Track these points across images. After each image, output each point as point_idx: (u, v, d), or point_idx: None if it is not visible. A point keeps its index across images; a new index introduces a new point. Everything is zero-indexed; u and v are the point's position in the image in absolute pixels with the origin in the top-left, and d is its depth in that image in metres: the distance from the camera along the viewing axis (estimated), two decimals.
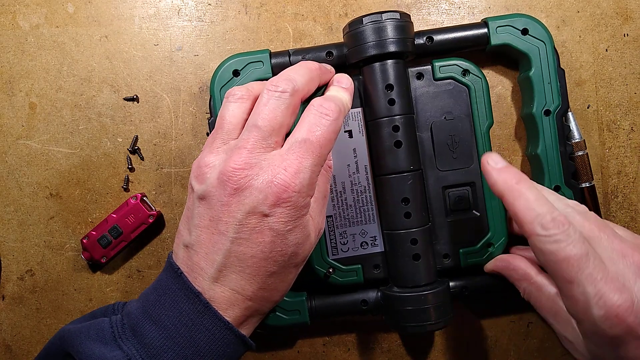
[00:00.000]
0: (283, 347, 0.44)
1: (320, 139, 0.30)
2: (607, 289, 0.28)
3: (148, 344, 0.30)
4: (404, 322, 0.37)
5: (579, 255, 0.28)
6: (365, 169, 0.39)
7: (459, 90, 0.39)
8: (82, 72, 0.43)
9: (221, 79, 0.39)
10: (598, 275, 0.28)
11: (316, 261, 0.40)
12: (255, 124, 0.31)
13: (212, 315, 0.30)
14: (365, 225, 0.40)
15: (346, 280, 0.40)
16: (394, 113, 0.37)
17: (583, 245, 0.28)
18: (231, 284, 0.31)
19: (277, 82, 0.31)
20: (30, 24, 0.43)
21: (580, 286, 0.28)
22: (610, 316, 0.27)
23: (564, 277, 0.29)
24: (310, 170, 0.30)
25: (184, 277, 0.31)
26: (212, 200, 0.30)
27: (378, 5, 0.43)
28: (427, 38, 0.39)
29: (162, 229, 0.44)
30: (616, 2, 0.42)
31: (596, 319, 0.28)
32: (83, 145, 0.43)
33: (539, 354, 0.44)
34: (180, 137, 0.43)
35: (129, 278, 0.44)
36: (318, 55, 0.39)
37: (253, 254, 0.30)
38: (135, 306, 0.32)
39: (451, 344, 0.44)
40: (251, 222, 0.30)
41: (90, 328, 0.31)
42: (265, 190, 0.29)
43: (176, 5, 0.43)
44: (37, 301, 0.44)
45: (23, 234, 0.44)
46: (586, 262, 0.28)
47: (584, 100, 0.43)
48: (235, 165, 0.30)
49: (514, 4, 0.43)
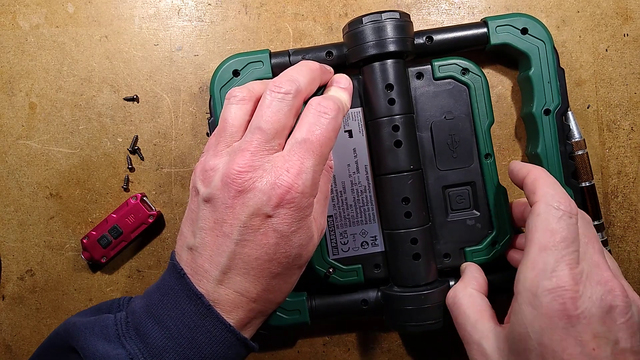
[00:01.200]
0: (283, 347, 0.44)
1: (320, 138, 0.31)
2: (567, 273, 0.29)
3: (150, 343, 0.30)
4: (404, 322, 0.37)
5: (566, 235, 0.30)
6: (366, 169, 0.40)
7: (459, 90, 0.39)
8: (82, 72, 0.43)
9: (221, 79, 0.39)
10: (567, 259, 0.29)
11: (316, 261, 0.40)
12: (258, 126, 0.31)
13: (213, 317, 0.30)
14: (366, 225, 0.40)
15: (346, 280, 0.40)
16: (393, 113, 0.37)
17: (576, 235, 0.30)
18: (235, 286, 0.31)
19: (280, 83, 0.32)
20: (30, 24, 0.44)
21: (549, 256, 0.29)
22: (554, 290, 0.29)
23: (541, 244, 0.30)
24: (312, 170, 0.30)
25: (187, 278, 0.31)
26: (217, 203, 0.31)
27: (378, 5, 0.43)
28: (426, 38, 0.39)
29: (162, 229, 0.44)
30: (616, 2, 0.43)
31: (540, 290, 0.29)
32: (83, 145, 0.44)
33: None
34: (180, 137, 0.44)
35: (129, 278, 0.44)
36: (318, 55, 0.39)
37: (257, 256, 0.30)
38: (139, 305, 0.32)
39: (451, 344, 0.44)
40: (255, 224, 0.30)
41: (95, 324, 0.32)
42: (269, 192, 0.29)
43: (176, 5, 0.44)
44: (37, 301, 0.44)
45: (23, 234, 0.44)
46: (567, 245, 0.30)
47: (584, 100, 0.43)
48: (239, 167, 0.30)
49: (513, 4, 0.43)
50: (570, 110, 0.40)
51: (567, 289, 0.28)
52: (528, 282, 0.30)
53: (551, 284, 0.29)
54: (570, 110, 0.40)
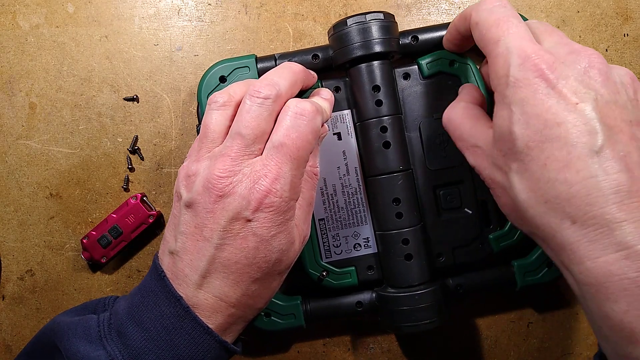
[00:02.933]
0: (283, 347, 0.45)
1: (297, 141, 0.31)
2: (530, 45, 0.29)
3: (131, 345, 0.31)
4: (399, 322, 0.38)
5: (507, 16, 0.30)
6: (356, 171, 0.40)
7: (448, 86, 0.40)
8: (82, 72, 0.44)
9: (208, 85, 0.40)
10: (518, 34, 0.29)
11: (309, 264, 0.40)
12: (238, 132, 0.31)
13: (191, 319, 0.31)
14: (358, 227, 0.40)
15: (340, 282, 0.40)
16: (381, 114, 0.38)
17: (513, 11, 0.31)
18: (215, 291, 0.31)
19: (260, 87, 0.32)
20: (30, 24, 0.44)
21: (505, 42, 0.29)
22: (526, 60, 0.28)
23: (491, 39, 0.30)
24: (290, 174, 0.31)
25: (167, 280, 0.32)
26: (198, 208, 0.31)
27: (378, 5, 0.44)
28: (412, 37, 0.40)
29: (162, 229, 0.44)
30: (616, 2, 0.43)
31: (512, 67, 0.28)
32: (83, 145, 0.44)
33: (539, 354, 0.44)
34: (180, 137, 0.44)
35: (129, 278, 0.45)
36: (304, 58, 0.40)
37: (237, 260, 0.31)
38: (122, 306, 0.33)
39: (451, 344, 0.45)
40: (235, 228, 0.30)
41: (78, 325, 0.32)
42: (248, 196, 0.30)
43: (176, 5, 0.44)
44: (37, 301, 0.45)
45: (23, 234, 0.44)
46: (514, 24, 0.30)
47: None
48: (219, 172, 0.30)
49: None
50: None
51: (537, 54, 0.28)
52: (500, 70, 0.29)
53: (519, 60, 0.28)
54: None
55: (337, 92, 0.40)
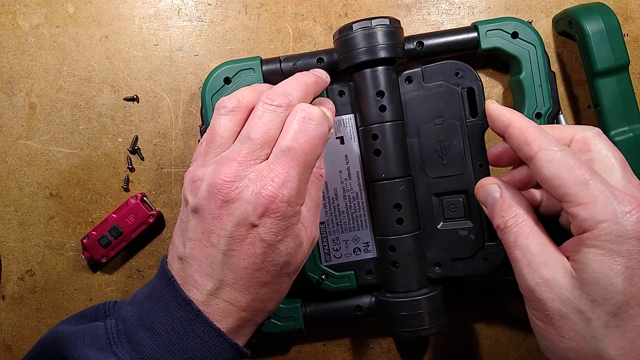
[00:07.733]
0: (283, 347, 0.46)
1: (305, 146, 0.32)
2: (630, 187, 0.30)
3: (142, 351, 0.32)
4: (398, 328, 0.39)
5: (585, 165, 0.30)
6: (357, 175, 0.41)
7: (450, 92, 0.40)
8: (82, 72, 0.45)
9: (212, 87, 0.41)
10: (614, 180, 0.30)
11: (309, 268, 0.41)
12: (248, 136, 0.32)
13: (203, 322, 0.32)
14: (358, 232, 0.42)
15: (339, 286, 0.42)
16: (385, 119, 0.39)
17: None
18: (225, 296, 0.32)
19: (274, 96, 0.33)
20: (30, 24, 0.46)
21: (597, 184, 0.29)
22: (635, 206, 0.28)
23: (576, 180, 0.29)
24: (297, 179, 0.31)
25: (177, 285, 0.33)
26: (204, 213, 0.32)
27: (378, 5, 0.45)
28: (417, 43, 0.41)
29: (162, 229, 0.46)
30: (616, 2, 0.45)
31: (619, 215, 0.28)
32: (83, 145, 0.46)
33: (539, 354, 0.46)
34: (180, 137, 0.46)
35: (129, 278, 0.46)
36: (309, 62, 0.41)
37: (245, 266, 0.32)
38: (130, 312, 0.34)
39: (451, 344, 0.46)
40: (241, 234, 0.31)
41: (85, 333, 0.33)
42: (254, 201, 0.31)
43: (176, 5, 0.46)
44: (37, 301, 0.46)
45: (23, 234, 0.46)
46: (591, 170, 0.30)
47: (584, 100, 0.45)
48: (224, 177, 0.31)
49: (514, 4, 0.45)
50: (561, 113, 0.42)
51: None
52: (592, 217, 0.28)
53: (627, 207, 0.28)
54: (561, 113, 0.42)
55: (341, 97, 0.41)
